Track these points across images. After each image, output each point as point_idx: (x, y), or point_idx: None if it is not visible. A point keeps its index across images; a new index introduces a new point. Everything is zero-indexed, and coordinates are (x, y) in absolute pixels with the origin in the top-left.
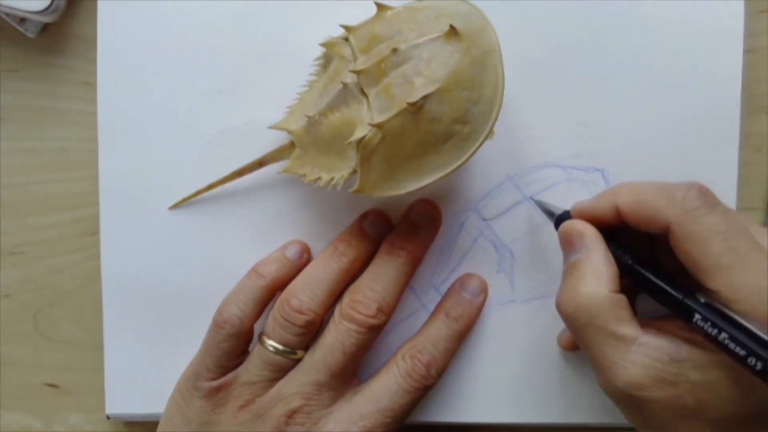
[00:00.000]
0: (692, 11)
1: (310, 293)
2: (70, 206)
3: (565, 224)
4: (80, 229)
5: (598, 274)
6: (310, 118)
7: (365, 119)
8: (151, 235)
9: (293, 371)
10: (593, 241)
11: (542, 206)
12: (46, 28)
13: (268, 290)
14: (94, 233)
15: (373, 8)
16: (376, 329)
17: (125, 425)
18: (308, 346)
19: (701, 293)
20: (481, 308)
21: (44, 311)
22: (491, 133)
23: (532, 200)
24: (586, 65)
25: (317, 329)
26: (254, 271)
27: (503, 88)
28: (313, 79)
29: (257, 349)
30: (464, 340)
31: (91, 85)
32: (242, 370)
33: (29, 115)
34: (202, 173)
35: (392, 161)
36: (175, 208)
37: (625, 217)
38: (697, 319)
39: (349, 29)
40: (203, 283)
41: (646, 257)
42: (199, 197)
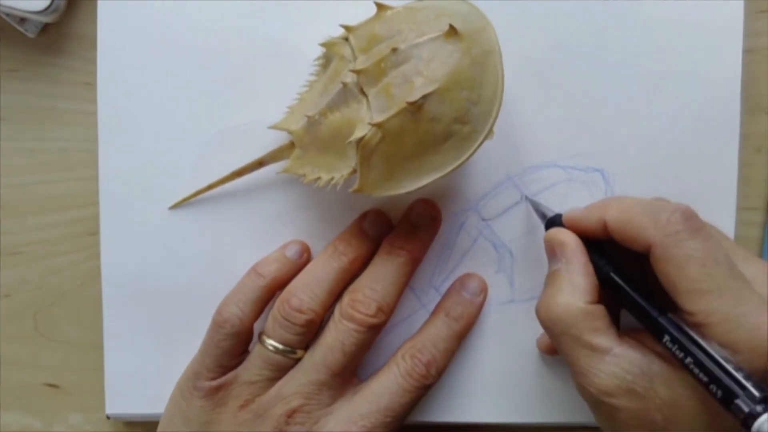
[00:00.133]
0: (692, 11)
1: (310, 293)
2: (70, 206)
3: (549, 232)
4: (80, 229)
5: (574, 285)
6: (310, 118)
7: (365, 119)
8: (151, 235)
9: (293, 371)
10: (574, 251)
11: (536, 207)
12: (46, 28)
13: (267, 290)
14: (94, 233)
15: (372, 8)
16: (376, 329)
17: (125, 425)
18: (308, 345)
19: (675, 314)
20: (481, 308)
21: (44, 311)
22: (491, 132)
23: (527, 199)
24: (586, 65)
25: (317, 329)
26: (254, 270)
27: (503, 88)
28: (313, 79)
29: (257, 348)
30: (464, 339)
31: (91, 85)
32: (242, 369)
33: (29, 115)
34: (202, 173)
35: (392, 161)
36: (175, 208)
37: (611, 232)
38: (666, 340)
39: (349, 29)
40: (203, 283)
41: (630, 271)
42: (199, 197)
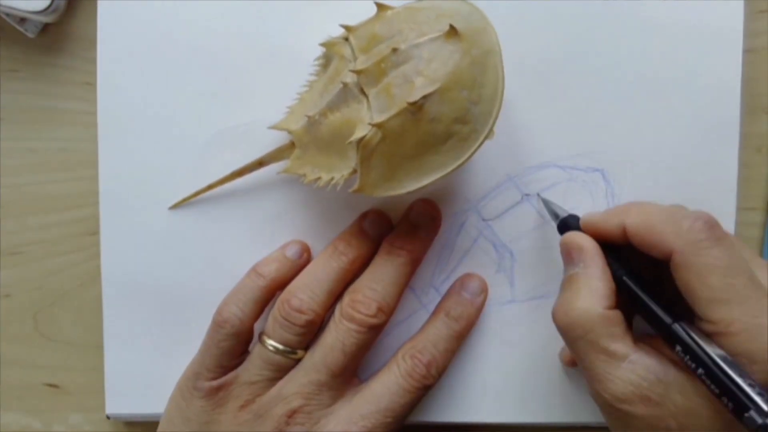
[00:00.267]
0: (692, 11)
1: (310, 293)
2: (70, 206)
3: (566, 236)
4: (80, 229)
5: (593, 290)
6: (310, 117)
7: (365, 119)
8: (151, 235)
9: (293, 371)
10: (592, 256)
11: (548, 206)
12: (46, 28)
13: (267, 290)
14: (94, 233)
15: (373, 8)
16: (376, 329)
17: (125, 425)
18: (308, 345)
19: (690, 322)
20: (481, 308)
21: (44, 311)
22: (491, 133)
23: (539, 197)
24: (586, 65)
25: (317, 329)
26: (254, 270)
27: (503, 88)
28: (313, 79)
29: (257, 348)
30: (464, 340)
31: (91, 85)
32: (242, 369)
33: (29, 115)
34: (202, 173)
35: (392, 161)
36: (175, 208)
37: (630, 238)
38: (678, 350)
39: (349, 29)
40: (203, 283)
41: (646, 278)
42: (199, 197)
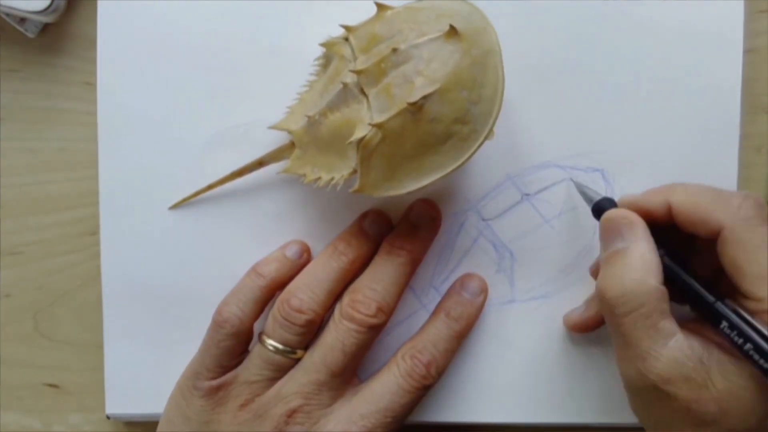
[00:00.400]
0: (692, 11)
1: (310, 293)
2: (70, 206)
3: (614, 211)
4: (80, 229)
5: (648, 264)
6: (310, 118)
7: (365, 119)
8: (151, 235)
9: (293, 371)
10: (643, 231)
11: (581, 189)
12: (46, 28)
13: (267, 290)
14: (94, 233)
15: (373, 8)
16: (376, 329)
17: (125, 425)
18: (308, 345)
19: (730, 301)
20: (481, 308)
21: (44, 311)
22: (491, 133)
23: (572, 181)
24: (586, 65)
25: (317, 329)
26: (254, 270)
27: (503, 88)
28: (313, 79)
29: (257, 348)
30: (464, 340)
31: (91, 85)
32: (242, 369)
33: (29, 115)
34: (202, 173)
35: (392, 161)
36: (175, 208)
37: (676, 215)
38: (724, 326)
39: (349, 29)
40: (203, 283)
41: (681, 259)
42: (199, 197)
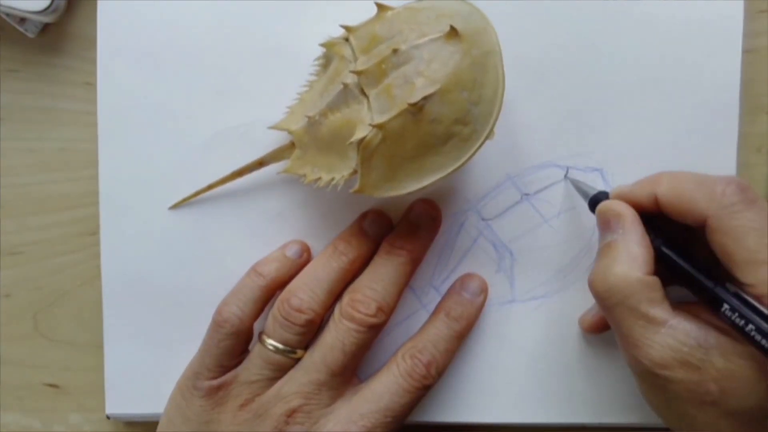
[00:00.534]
0: (692, 11)
1: (310, 292)
2: (70, 206)
3: (603, 204)
4: (80, 229)
5: (632, 255)
6: (310, 118)
7: (366, 120)
8: (150, 235)
9: (293, 370)
10: (631, 222)
11: (576, 185)
12: (46, 28)
13: (267, 290)
14: (94, 233)
15: (373, 8)
16: (376, 328)
17: (125, 425)
18: (308, 345)
19: (731, 284)
20: (481, 308)
21: (44, 311)
22: (492, 133)
23: (567, 177)
24: (585, 65)
25: (317, 329)
26: (254, 270)
27: (503, 88)
28: (313, 79)
29: (257, 348)
30: (464, 340)
31: (91, 85)
32: (242, 369)
33: (29, 115)
34: (202, 173)
35: (393, 162)
36: (174, 208)
37: (662, 206)
38: (725, 308)
39: (349, 29)
40: (203, 283)
41: (679, 245)
42: (199, 197)
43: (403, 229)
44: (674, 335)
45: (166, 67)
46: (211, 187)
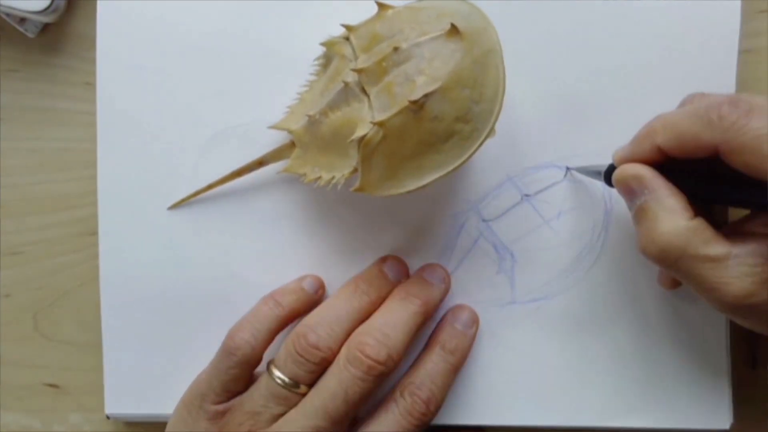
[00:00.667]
0: (691, 11)
1: (328, 329)
2: (70, 206)
3: (619, 170)
4: (80, 229)
5: (669, 208)
6: (310, 117)
7: (366, 118)
8: (149, 235)
9: (294, 411)
10: (651, 178)
11: (583, 171)
12: (46, 28)
13: (284, 320)
14: (93, 233)
15: (373, 8)
16: (382, 377)
17: (125, 425)
18: (315, 381)
19: None
20: (473, 340)
21: (44, 311)
22: (492, 131)
23: (569, 170)
24: (585, 65)
25: (328, 366)
26: (272, 299)
27: (504, 86)
28: (313, 78)
29: (264, 378)
30: (459, 372)
31: (91, 85)
32: (247, 397)
33: (29, 115)
34: (202, 173)
35: (393, 160)
36: (174, 208)
37: (669, 153)
38: None
39: (349, 28)
40: (202, 283)
41: (704, 175)
42: (198, 197)
43: (416, 280)
44: (744, 261)
45: (165, 67)
46: (210, 187)
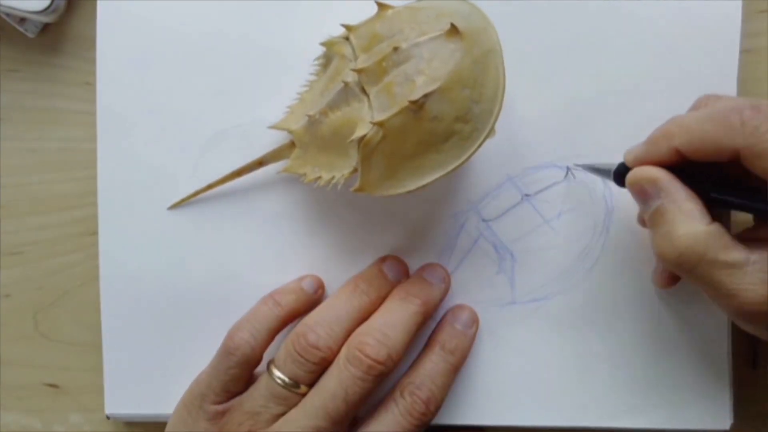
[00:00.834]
0: (691, 11)
1: (328, 329)
2: (70, 206)
3: (633, 172)
4: (80, 229)
5: (687, 212)
6: (310, 117)
7: (366, 118)
8: (150, 235)
9: (294, 411)
10: (668, 181)
11: (589, 169)
12: (46, 28)
13: (284, 320)
14: (94, 233)
15: (373, 8)
16: (381, 377)
17: (125, 425)
18: (315, 381)
19: None
20: (473, 340)
21: (44, 311)
22: (492, 131)
23: (578, 167)
24: (585, 65)
25: (328, 366)
26: (272, 299)
27: (504, 86)
28: (313, 78)
29: (264, 378)
30: (459, 372)
31: (91, 85)
32: (247, 397)
33: (29, 115)
34: (202, 173)
35: (393, 160)
36: (174, 208)
37: (687, 156)
38: None
39: (349, 28)
40: (202, 283)
41: (719, 180)
42: (198, 197)
43: (416, 280)
44: (762, 268)
45: (165, 67)
46: (210, 186)
